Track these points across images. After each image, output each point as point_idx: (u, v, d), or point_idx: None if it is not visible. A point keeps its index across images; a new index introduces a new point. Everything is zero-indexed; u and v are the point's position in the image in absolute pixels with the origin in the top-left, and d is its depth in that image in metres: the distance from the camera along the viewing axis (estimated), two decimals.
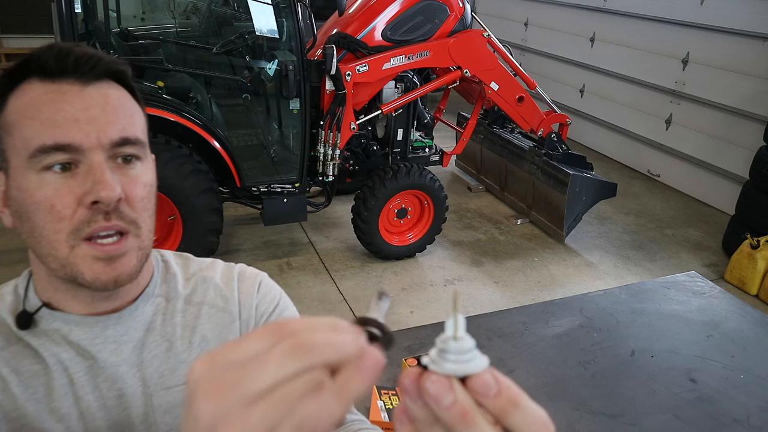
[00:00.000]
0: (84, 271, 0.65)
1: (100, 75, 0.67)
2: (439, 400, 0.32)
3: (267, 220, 3.59)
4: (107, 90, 0.67)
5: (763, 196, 4.00)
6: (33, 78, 0.65)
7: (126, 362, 0.73)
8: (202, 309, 0.81)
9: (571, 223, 4.22)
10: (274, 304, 0.87)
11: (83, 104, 0.64)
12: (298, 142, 3.50)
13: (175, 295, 0.80)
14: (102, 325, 0.72)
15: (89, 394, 0.70)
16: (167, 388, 0.75)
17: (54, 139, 0.62)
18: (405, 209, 3.85)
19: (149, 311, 0.76)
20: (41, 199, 0.63)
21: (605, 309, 1.76)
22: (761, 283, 3.76)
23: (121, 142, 0.66)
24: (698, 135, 5.36)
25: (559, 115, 4.34)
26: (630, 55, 5.99)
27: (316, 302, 3.42)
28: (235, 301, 0.84)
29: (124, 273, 0.67)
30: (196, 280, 0.83)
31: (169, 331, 0.77)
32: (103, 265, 0.66)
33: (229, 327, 0.82)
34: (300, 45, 3.25)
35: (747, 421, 1.33)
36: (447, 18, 3.69)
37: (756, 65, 4.76)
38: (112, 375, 0.72)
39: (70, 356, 0.70)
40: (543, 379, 1.43)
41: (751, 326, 1.73)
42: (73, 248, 0.65)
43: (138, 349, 0.74)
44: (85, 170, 0.64)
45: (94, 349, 0.71)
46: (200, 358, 0.34)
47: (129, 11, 3.76)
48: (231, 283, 0.85)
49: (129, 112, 0.69)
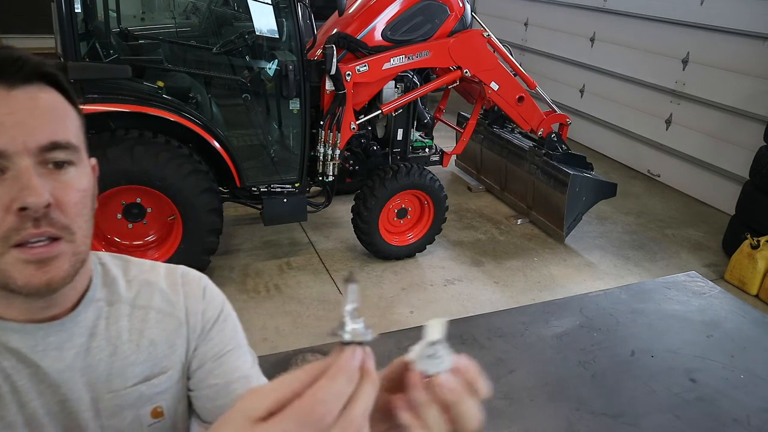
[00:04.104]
0: (15, 276, 0.63)
1: (29, 77, 0.64)
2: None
3: (267, 220, 3.59)
4: (36, 93, 0.65)
5: (763, 196, 4.00)
6: None
7: (70, 368, 0.72)
8: (149, 314, 0.81)
9: (571, 223, 4.22)
10: (218, 310, 0.87)
11: (8, 108, 0.62)
12: (298, 142, 3.50)
13: (117, 299, 0.79)
14: (43, 333, 0.71)
15: (33, 401, 0.70)
16: (113, 391, 0.75)
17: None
18: (405, 209, 3.85)
19: (91, 316, 0.75)
20: None
21: (605, 309, 1.76)
22: (761, 283, 3.76)
23: (51, 147, 0.64)
24: (698, 135, 5.36)
25: (559, 115, 4.34)
26: (630, 55, 5.99)
27: (316, 302, 3.42)
28: (181, 305, 0.83)
29: (57, 276, 0.65)
30: (139, 283, 0.82)
31: (113, 335, 0.77)
32: (34, 268, 0.64)
33: (177, 331, 0.82)
34: (300, 45, 3.25)
35: (747, 421, 1.33)
36: (447, 18, 3.69)
37: (756, 65, 4.76)
38: (56, 381, 0.71)
39: (11, 364, 0.69)
40: (543, 379, 1.43)
41: (751, 326, 1.73)
42: (2, 255, 0.63)
43: (82, 354, 0.73)
44: (12, 176, 0.62)
45: (36, 357, 0.70)
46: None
47: (129, 11, 3.75)
48: (176, 287, 0.84)
49: (60, 115, 0.67)
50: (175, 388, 0.82)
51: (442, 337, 0.47)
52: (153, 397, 0.79)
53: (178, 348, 0.82)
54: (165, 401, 0.80)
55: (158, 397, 0.79)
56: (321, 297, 3.48)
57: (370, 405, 0.40)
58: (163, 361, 0.80)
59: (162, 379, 0.79)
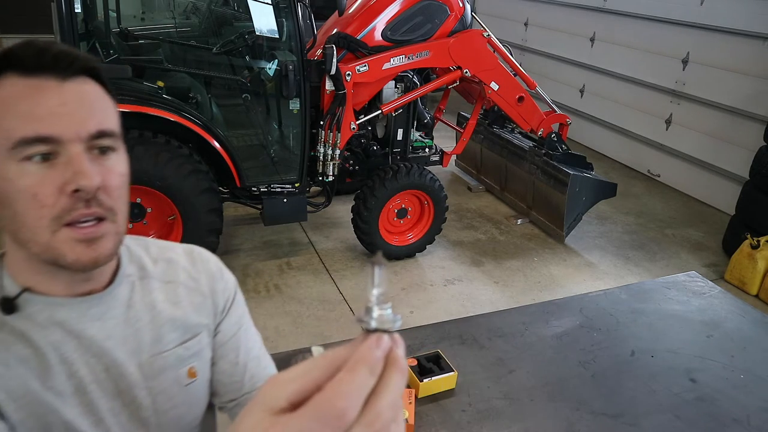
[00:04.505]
0: (66, 253, 0.70)
1: (77, 71, 0.70)
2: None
3: (267, 220, 3.59)
4: (83, 86, 0.71)
5: (763, 196, 4.00)
6: (12, 72, 0.68)
7: (111, 337, 0.79)
8: (178, 288, 0.89)
9: (571, 223, 4.22)
10: (233, 289, 0.96)
11: (61, 99, 0.68)
12: (298, 142, 3.49)
13: (146, 274, 0.87)
14: (86, 305, 0.78)
15: (81, 370, 0.76)
16: (155, 354, 0.83)
17: (35, 132, 0.66)
18: (405, 209, 3.85)
19: (126, 290, 0.83)
20: (23, 188, 0.67)
21: (605, 309, 1.76)
22: (761, 283, 3.76)
23: (98, 135, 0.70)
24: (698, 135, 5.36)
25: (559, 115, 4.34)
26: (630, 55, 5.99)
27: (316, 302, 3.42)
28: (204, 282, 0.92)
29: (102, 254, 0.72)
30: (163, 260, 0.90)
31: (148, 306, 0.84)
32: (83, 246, 0.70)
33: (203, 304, 0.90)
34: (300, 45, 3.25)
35: (747, 421, 1.33)
36: (447, 18, 3.69)
37: (756, 65, 4.76)
38: (100, 349, 0.78)
39: (59, 336, 0.75)
40: (543, 379, 1.43)
41: (751, 326, 1.73)
42: (55, 233, 0.69)
43: (121, 324, 0.81)
44: (64, 161, 0.68)
45: (80, 328, 0.77)
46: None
47: (129, 11, 3.75)
48: (196, 265, 0.93)
49: (104, 106, 0.73)
50: (205, 351, 0.90)
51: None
52: (188, 358, 0.87)
53: (204, 319, 0.90)
54: (198, 362, 0.88)
55: (192, 358, 0.87)
56: (321, 297, 3.48)
57: (398, 395, 0.38)
58: (194, 328, 0.88)
59: (194, 341, 0.88)
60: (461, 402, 1.34)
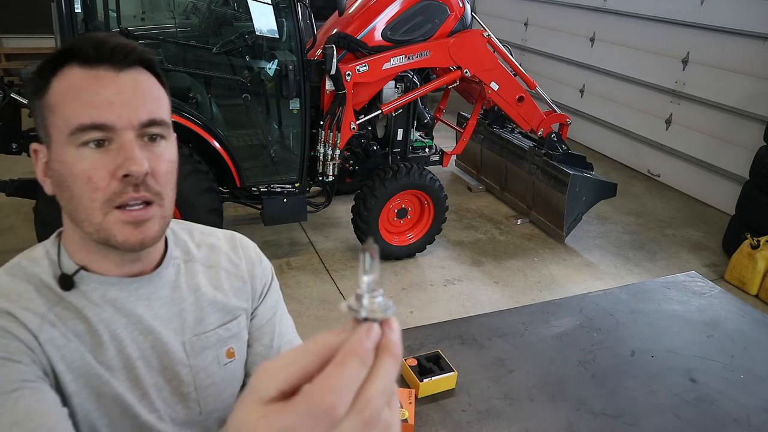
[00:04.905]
0: (116, 234, 0.75)
1: (132, 62, 0.75)
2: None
3: (267, 220, 3.59)
4: (138, 76, 0.75)
5: (763, 196, 4.00)
6: (73, 64, 0.73)
7: (158, 316, 0.84)
8: (220, 272, 0.93)
9: (571, 223, 4.22)
10: (270, 275, 1.01)
11: (117, 88, 0.73)
12: (298, 142, 3.49)
13: (191, 258, 0.92)
14: (136, 285, 0.83)
15: (129, 346, 0.81)
16: (197, 334, 0.87)
17: (91, 119, 0.71)
18: (405, 209, 3.85)
19: (172, 272, 0.88)
20: (79, 172, 0.72)
21: (605, 309, 1.76)
22: (761, 283, 3.75)
23: (149, 123, 0.75)
24: (698, 135, 5.36)
25: (559, 115, 4.34)
26: (630, 55, 5.99)
27: (316, 302, 3.42)
28: (243, 268, 0.96)
29: (149, 236, 0.77)
30: (206, 245, 0.95)
31: (193, 288, 0.89)
32: (131, 228, 0.75)
33: (243, 288, 0.95)
34: (300, 45, 3.25)
35: (747, 421, 1.33)
36: (447, 18, 3.69)
37: (756, 65, 4.76)
38: (148, 327, 0.82)
39: (110, 314, 0.80)
40: (543, 379, 1.43)
41: (751, 326, 1.73)
42: (106, 215, 0.74)
43: (167, 304, 0.85)
44: (117, 147, 0.73)
45: (129, 306, 0.81)
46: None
47: (129, 11, 3.75)
48: (237, 251, 0.97)
49: (156, 95, 0.77)
50: (243, 333, 0.94)
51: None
52: (227, 339, 0.91)
53: (243, 303, 0.94)
54: (236, 343, 0.93)
55: (231, 339, 0.92)
56: (321, 297, 3.47)
57: (390, 382, 0.37)
58: (234, 311, 0.93)
59: (234, 324, 0.92)
60: (461, 402, 1.34)
